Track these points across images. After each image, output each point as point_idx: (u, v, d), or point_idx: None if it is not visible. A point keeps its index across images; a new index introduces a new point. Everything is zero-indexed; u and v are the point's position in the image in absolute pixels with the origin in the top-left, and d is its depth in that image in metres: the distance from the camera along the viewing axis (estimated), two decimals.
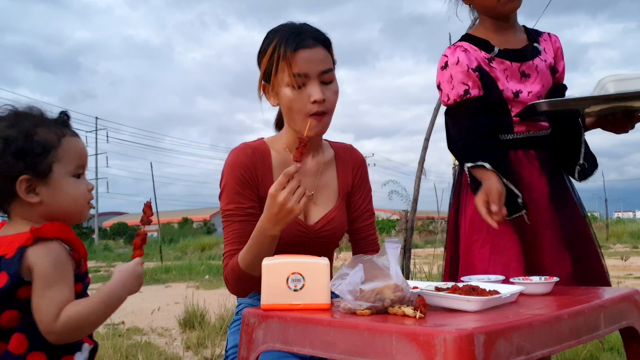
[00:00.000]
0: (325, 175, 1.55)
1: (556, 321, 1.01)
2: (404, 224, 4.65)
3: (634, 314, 1.23)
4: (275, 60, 1.40)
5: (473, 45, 1.70)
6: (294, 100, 1.40)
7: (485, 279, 1.37)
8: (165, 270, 11.56)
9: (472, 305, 1.05)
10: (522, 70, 1.69)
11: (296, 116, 1.42)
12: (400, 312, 1.02)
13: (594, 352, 3.35)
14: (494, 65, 1.67)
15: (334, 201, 1.55)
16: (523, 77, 1.69)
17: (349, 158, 1.61)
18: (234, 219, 1.43)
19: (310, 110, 1.41)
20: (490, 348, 0.86)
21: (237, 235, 1.42)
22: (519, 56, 1.70)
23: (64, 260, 1.11)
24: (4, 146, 1.11)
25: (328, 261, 1.17)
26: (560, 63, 1.79)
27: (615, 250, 14.24)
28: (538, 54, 1.73)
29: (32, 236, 1.09)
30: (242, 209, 1.42)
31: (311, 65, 1.40)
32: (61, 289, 1.09)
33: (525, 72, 1.69)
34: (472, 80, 1.65)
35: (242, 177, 1.43)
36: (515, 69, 1.69)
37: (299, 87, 1.40)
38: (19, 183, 1.12)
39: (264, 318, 1.13)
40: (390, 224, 31.15)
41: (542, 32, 1.82)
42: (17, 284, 1.08)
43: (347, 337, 0.97)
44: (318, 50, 1.41)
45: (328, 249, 1.54)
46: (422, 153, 4.40)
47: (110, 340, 3.88)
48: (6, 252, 1.10)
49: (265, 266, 1.17)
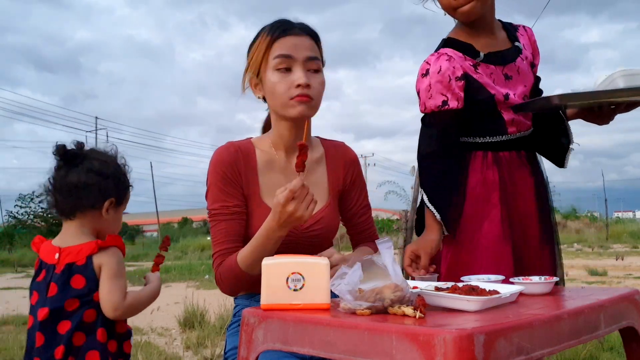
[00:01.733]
0: (314, 173, 1.54)
1: (556, 321, 1.01)
2: (404, 224, 4.65)
3: (633, 314, 1.23)
4: (262, 47, 1.43)
5: (457, 52, 1.65)
6: (277, 84, 1.41)
7: (485, 279, 1.37)
8: (165, 270, 11.57)
9: (472, 305, 1.05)
10: (505, 72, 1.68)
11: (279, 100, 1.42)
12: (400, 312, 1.02)
13: (594, 352, 3.36)
14: (480, 71, 1.65)
15: (324, 200, 1.54)
16: (506, 79, 1.68)
17: (340, 155, 1.60)
18: (220, 218, 1.43)
19: (292, 94, 1.41)
20: (490, 348, 0.86)
21: (225, 234, 1.42)
22: (501, 59, 1.69)
23: (122, 260, 1.46)
24: (113, 172, 1.49)
25: (328, 261, 1.17)
26: (537, 57, 1.80)
27: (615, 250, 14.25)
28: (520, 53, 1.73)
29: (97, 246, 1.43)
30: (228, 207, 1.43)
31: (297, 49, 1.42)
32: (124, 280, 1.45)
33: (508, 75, 1.69)
34: (452, 92, 1.61)
35: (226, 176, 1.43)
36: (499, 72, 1.68)
37: (285, 69, 1.41)
38: (108, 202, 1.48)
39: (264, 318, 1.13)
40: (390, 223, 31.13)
41: (517, 25, 1.80)
42: (94, 287, 1.42)
43: (347, 337, 0.97)
44: (304, 38, 1.45)
45: (320, 249, 1.52)
46: None
47: None
48: (76, 260, 1.44)
49: (265, 266, 1.17)
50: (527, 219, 1.70)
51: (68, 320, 1.42)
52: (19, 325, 5.25)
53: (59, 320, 1.42)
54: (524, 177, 1.71)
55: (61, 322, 1.43)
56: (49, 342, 1.42)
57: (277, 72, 1.41)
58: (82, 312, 1.42)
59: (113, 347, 1.46)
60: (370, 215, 1.65)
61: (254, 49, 1.46)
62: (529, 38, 1.79)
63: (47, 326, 1.43)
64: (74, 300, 1.43)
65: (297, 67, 1.42)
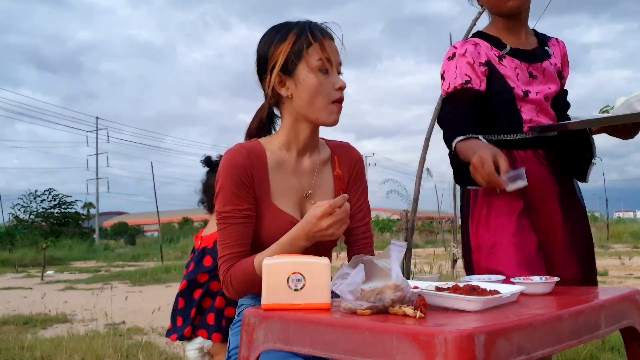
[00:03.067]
0: (322, 174, 1.53)
1: (557, 321, 1.01)
2: (405, 224, 4.65)
3: (634, 314, 1.23)
4: (303, 45, 1.42)
5: (485, 42, 1.70)
6: (319, 85, 1.42)
7: (486, 279, 1.37)
8: (165, 270, 11.57)
9: (473, 305, 1.04)
10: (530, 70, 1.70)
11: (321, 102, 1.43)
12: (400, 312, 1.02)
13: (594, 352, 3.35)
14: (505, 64, 1.68)
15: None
16: (531, 77, 1.69)
17: (345, 156, 1.59)
18: (231, 221, 1.41)
19: (334, 97, 1.44)
20: (491, 348, 0.86)
21: (236, 237, 1.41)
22: (528, 57, 1.71)
23: None
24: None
25: (329, 261, 1.17)
26: (566, 69, 1.81)
27: (616, 250, 14.23)
28: (548, 57, 1.74)
29: None
30: (240, 210, 1.41)
31: (334, 54, 1.45)
32: None
33: (533, 73, 1.70)
34: (477, 74, 1.65)
35: (239, 179, 1.41)
36: (524, 69, 1.69)
37: (325, 71, 1.43)
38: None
39: (265, 318, 1.13)
40: (390, 223, 31.16)
41: (551, 37, 1.83)
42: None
43: (347, 337, 0.97)
44: (335, 43, 1.47)
45: (326, 249, 1.52)
46: (423, 153, 4.38)
47: (110, 340, 3.88)
48: (208, 244, 2.14)
49: (266, 266, 1.17)
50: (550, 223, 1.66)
51: (200, 288, 2.11)
52: (19, 325, 5.25)
53: (194, 288, 2.12)
54: (542, 176, 1.67)
55: (195, 290, 2.12)
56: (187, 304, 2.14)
57: (318, 73, 1.42)
58: (209, 283, 2.10)
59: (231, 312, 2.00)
60: (369, 222, 1.60)
61: (285, 48, 1.43)
62: (560, 50, 1.81)
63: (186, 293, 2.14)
64: (204, 274, 2.12)
65: (334, 71, 1.45)
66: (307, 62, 1.42)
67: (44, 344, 4.09)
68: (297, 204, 1.48)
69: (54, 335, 4.72)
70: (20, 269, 14.13)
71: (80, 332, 4.77)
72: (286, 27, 1.46)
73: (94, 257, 19.03)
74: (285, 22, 1.49)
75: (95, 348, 3.76)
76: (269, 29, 1.49)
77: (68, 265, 15.79)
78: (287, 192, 1.47)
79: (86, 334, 4.53)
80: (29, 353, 3.83)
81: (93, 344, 3.89)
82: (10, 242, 20.69)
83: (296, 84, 1.43)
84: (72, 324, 5.41)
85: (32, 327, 5.26)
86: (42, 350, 3.84)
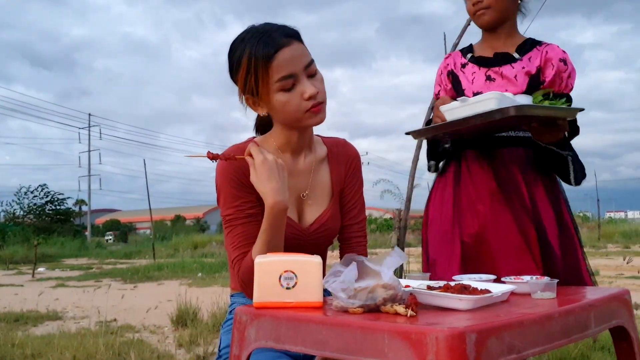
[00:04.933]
0: (318, 173, 1.52)
1: (547, 320, 1.02)
2: (398, 223, 4.66)
3: (623, 314, 1.24)
4: (255, 72, 1.35)
5: (460, 53, 1.97)
6: (287, 104, 1.37)
7: (477, 278, 1.38)
8: (157, 267, 11.54)
9: (464, 304, 1.05)
10: (488, 74, 1.85)
11: (295, 114, 1.39)
12: (392, 311, 1.03)
13: (585, 351, 3.37)
14: (465, 70, 1.90)
15: (327, 200, 1.52)
16: (487, 80, 1.84)
17: (342, 153, 1.58)
18: (235, 222, 1.39)
19: (306, 107, 1.38)
20: (482, 346, 0.87)
21: (243, 237, 1.38)
22: (487, 62, 1.88)
23: None
24: None
25: (320, 259, 1.17)
26: (547, 72, 1.83)
27: (608, 250, 14.32)
28: (513, 61, 1.84)
29: None
30: (242, 210, 1.39)
31: (294, 63, 1.35)
32: None
33: (491, 77, 1.84)
34: (444, 84, 1.96)
35: (237, 179, 1.40)
36: (482, 73, 1.86)
37: (289, 89, 1.36)
38: None
39: (256, 316, 1.13)
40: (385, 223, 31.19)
41: (544, 43, 1.87)
42: None
43: (339, 335, 0.97)
44: (294, 46, 1.37)
45: (322, 248, 1.52)
46: (416, 152, 4.39)
47: (102, 338, 3.87)
48: None
49: (258, 264, 1.16)
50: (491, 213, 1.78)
51: None
52: (10, 323, 5.22)
53: None
54: (481, 174, 1.81)
55: None
56: None
57: (282, 93, 1.36)
58: None
59: None
60: (363, 220, 1.59)
61: (242, 74, 1.38)
62: (542, 55, 1.84)
63: None
64: None
65: (300, 79, 1.37)
66: (267, 84, 1.36)
67: (35, 342, 4.07)
68: (294, 204, 1.47)
69: (45, 332, 4.70)
70: (11, 265, 14.04)
71: (72, 329, 4.74)
72: (239, 49, 1.39)
73: (85, 255, 18.95)
74: (239, 38, 1.41)
75: (86, 346, 3.74)
76: (229, 49, 1.43)
77: (59, 263, 15.71)
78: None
79: (77, 332, 4.51)
80: (19, 350, 3.81)
81: (84, 341, 3.87)
82: (2, 239, 20.56)
83: (267, 104, 1.40)
84: (63, 322, 5.39)
85: (23, 324, 5.23)
86: (33, 348, 3.82)
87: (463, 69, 1.90)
